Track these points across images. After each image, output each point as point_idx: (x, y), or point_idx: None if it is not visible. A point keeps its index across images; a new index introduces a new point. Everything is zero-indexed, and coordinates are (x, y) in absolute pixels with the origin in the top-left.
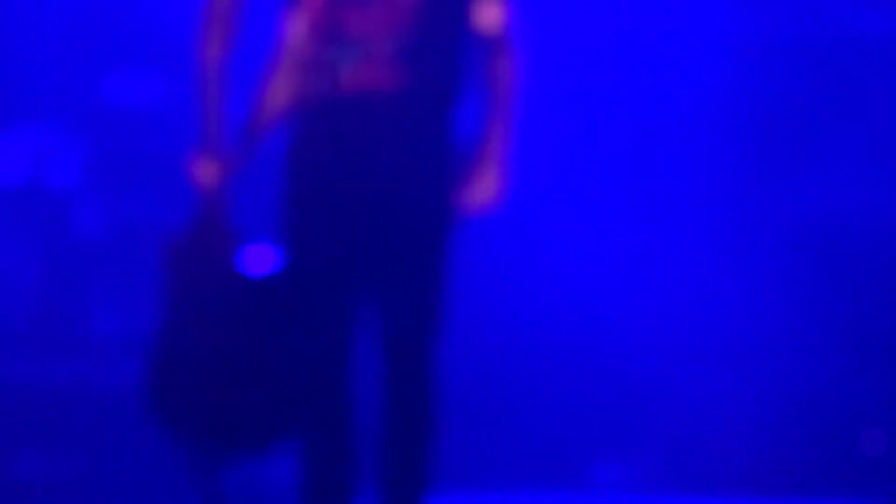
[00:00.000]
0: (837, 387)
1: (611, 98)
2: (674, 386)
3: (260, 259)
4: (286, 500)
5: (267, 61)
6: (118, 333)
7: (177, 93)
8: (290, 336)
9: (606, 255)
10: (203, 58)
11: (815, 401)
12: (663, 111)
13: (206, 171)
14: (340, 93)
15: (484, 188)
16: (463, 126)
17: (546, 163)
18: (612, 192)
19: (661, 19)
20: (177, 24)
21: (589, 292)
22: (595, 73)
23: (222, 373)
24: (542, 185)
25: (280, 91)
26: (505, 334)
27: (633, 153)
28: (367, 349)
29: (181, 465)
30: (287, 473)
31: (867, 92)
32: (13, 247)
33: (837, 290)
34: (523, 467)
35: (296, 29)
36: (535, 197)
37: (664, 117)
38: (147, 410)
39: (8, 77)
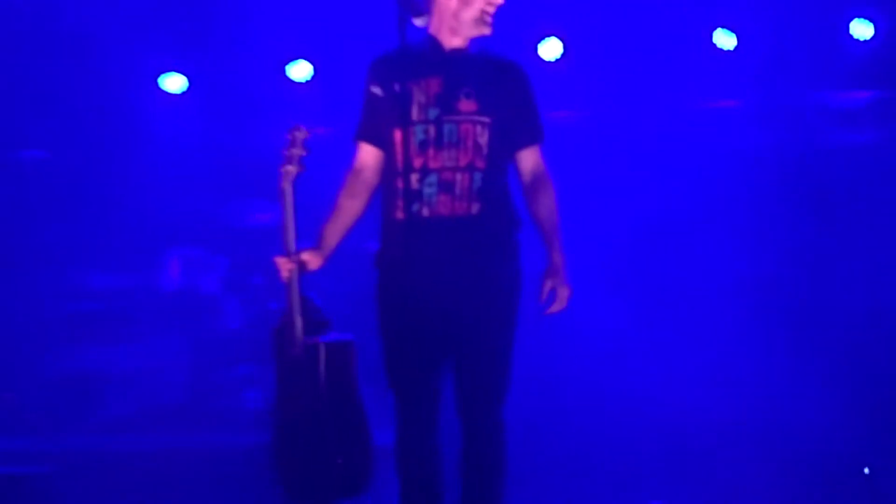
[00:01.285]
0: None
1: (631, 209)
2: (707, 450)
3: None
4: None
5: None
6: (257, 402)
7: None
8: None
9: (639, 339)
10: (339, 203)
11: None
12: (672, 212)
13: (285, 267)
14: (425, 217)
15: (559, 297)
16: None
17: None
18: (637, 282)
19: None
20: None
21: (643, 360)
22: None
23: (319, 435)
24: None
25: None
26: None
27: (650, 251)
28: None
29: None
30: None
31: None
32: (174, 335)
33: None
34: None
35: (391, 164)
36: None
37: (672, 217)
38: (273, 468)
39: (161, 212)
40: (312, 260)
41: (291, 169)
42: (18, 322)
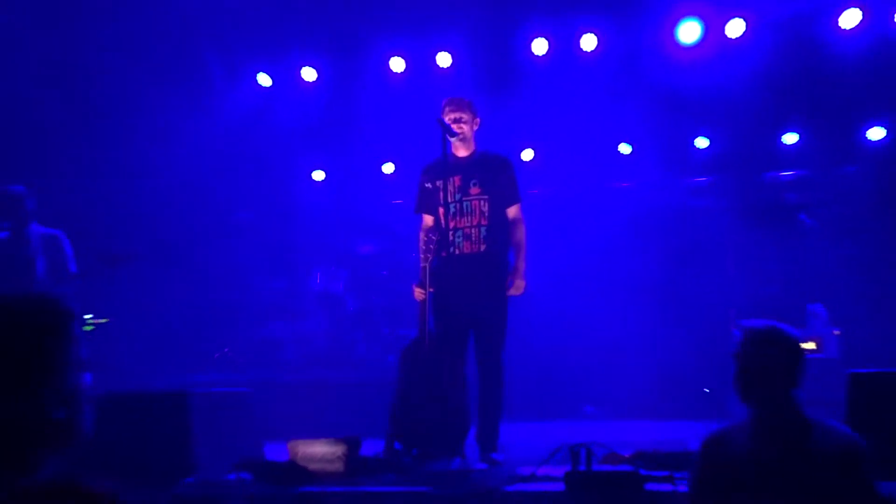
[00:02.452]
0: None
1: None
2: (615, 361)
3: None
4: None
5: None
6: (367, 355)
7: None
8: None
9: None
10: (421, 254)
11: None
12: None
13: (417, 293)
14: (457, 254)
15: (517, 287)
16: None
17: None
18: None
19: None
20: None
21: (581, 325)
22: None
23: (426, 405)
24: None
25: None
26: (541, 345)
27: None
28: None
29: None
30: None
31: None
32: (319, 316)
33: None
34: (544, 408)
35: (432, 232)
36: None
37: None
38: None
39: (310, 245)
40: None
41: (429, 255)
42: (235, 307)
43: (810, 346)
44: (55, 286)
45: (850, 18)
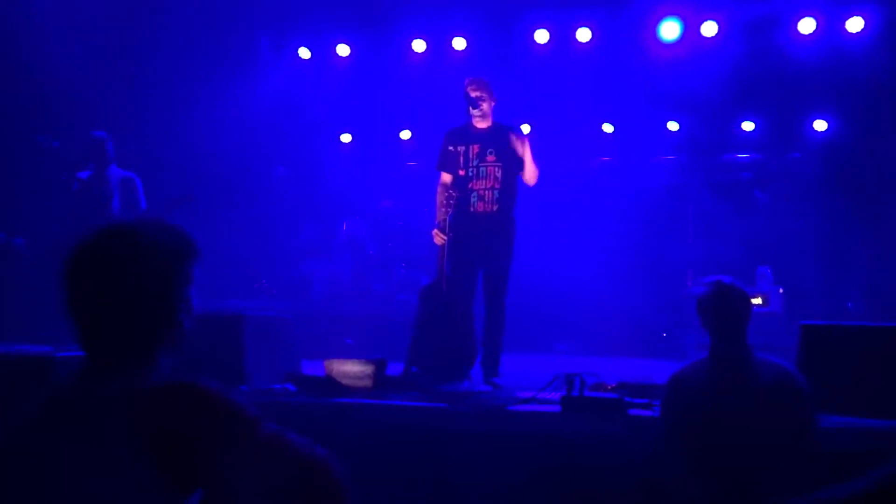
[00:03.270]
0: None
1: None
2: (588, 308)
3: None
4: None
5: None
6: (384, 291)
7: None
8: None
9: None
10: (437, 209)
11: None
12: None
13: (438, 238)
14: (472, 212)
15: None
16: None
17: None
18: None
19: None
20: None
21: (561, 277)
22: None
23: (442, 337)
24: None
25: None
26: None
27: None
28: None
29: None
30: None
31: None
32: (344, 259)
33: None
34: (528, 343)
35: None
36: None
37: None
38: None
39: (341, 196)
40: (443, 237)
41: (448, 209)
42: (275, 248)
43: (758, 301)
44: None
45: (806, 26)
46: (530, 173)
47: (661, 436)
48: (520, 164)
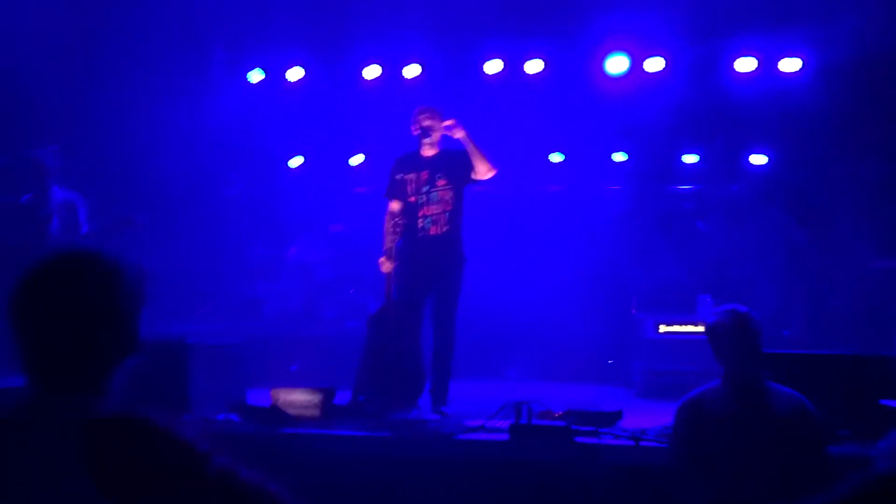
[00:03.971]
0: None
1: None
2: (536, 334)
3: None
4: None
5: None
6: (333, 316)
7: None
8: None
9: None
10: (385, 237)
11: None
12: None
13: (384, 266)
14: (424, 235)
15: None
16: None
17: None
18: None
19: None
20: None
21: (510, 304)
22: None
23: (390, 365)
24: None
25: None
26: (477, 318)
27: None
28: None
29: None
30: None
31: None
32: (295, 280)
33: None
34: (476, 369)
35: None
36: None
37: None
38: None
39: (289, 221)
40: (390, 265)
41: (395, 236)
42: (226, 271)
43: (699, 328)
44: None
45: (745, 64)
46: (482, 166)
47: (675, 464)
48: (466, 183)
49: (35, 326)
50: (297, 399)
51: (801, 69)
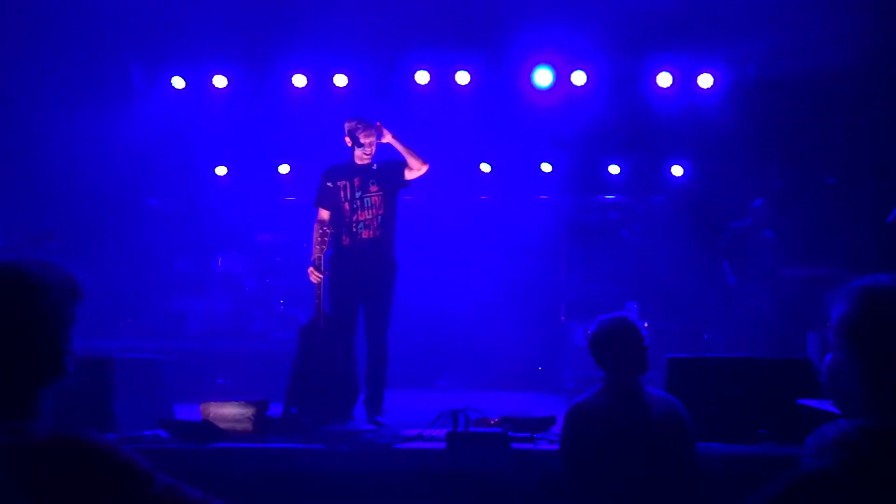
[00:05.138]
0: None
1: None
2: (466, 344)
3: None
4: None
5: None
6: (262, 329)
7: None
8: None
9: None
10: (316, 239)
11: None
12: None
13: (314, 276)
14: (356, 240)
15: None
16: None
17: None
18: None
19: None
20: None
21: (439, 314)
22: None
23: (322, 376)
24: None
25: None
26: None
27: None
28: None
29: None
30: None
31: None
32: (221, 293)
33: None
34: (408, 378)
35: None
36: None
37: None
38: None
39: (215, 233)
40: (319, 275)
41: (324, 246)
42: (149, 285)
43: None
44: None
45: (664, 79)
46: (415, 161)
47: (561, 468)
48: (398, 188)
49: None
50: (229, 412)
51: (712, 85)
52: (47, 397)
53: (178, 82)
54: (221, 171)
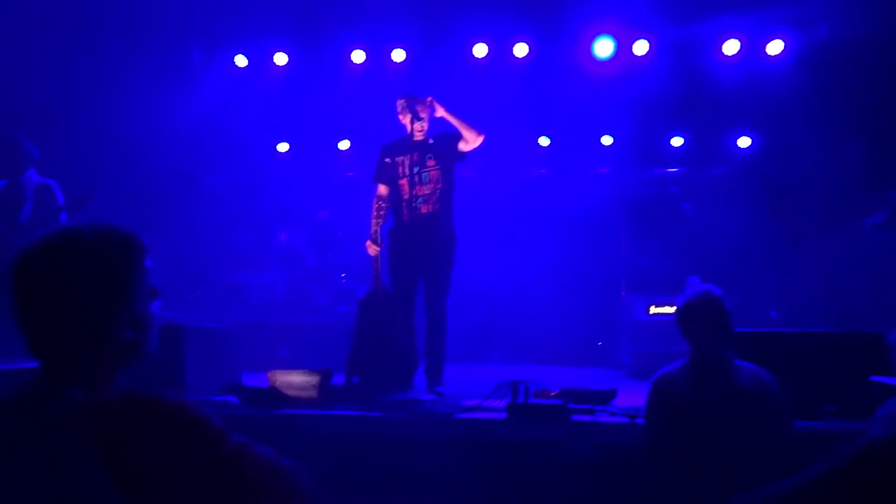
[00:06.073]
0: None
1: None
2: (523, 319)
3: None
4: None
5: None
6: (324, 302)
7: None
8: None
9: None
10: (371, 220)
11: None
12: None
13: (371, 249)
14: (416, 214)
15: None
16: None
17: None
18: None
19: None
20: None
21: (497, 288)
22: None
23: (382, 347)
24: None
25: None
26: (466, 303)
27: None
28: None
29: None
30: None
31: None
32: (282, 267)
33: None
34: (466, 353)
35: (398, 193)
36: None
37: None
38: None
39: (275, 209)
40: (376, 248)
41: (380, 220)
42: (213, 260)
43: None
44: (37, 230)
45: (730, 47)
46: (469, 133)
47: (645, 442)
48: (455, 161)
49: (28, 311)
50: (295, 380)
51: (782, 51)
52: (125, 362)
53: (240, 60)
54: (283, 147)
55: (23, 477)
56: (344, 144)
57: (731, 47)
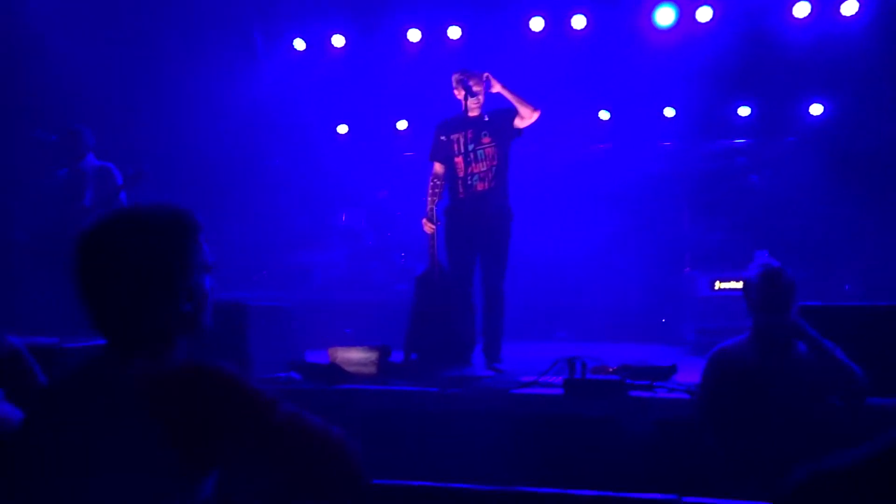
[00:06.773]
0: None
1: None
2: (586, 295)
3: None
4: None
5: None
6: (384, 281)
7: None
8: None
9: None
10: (428, 197)
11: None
12: None
13: (427, 227)
14: (472, 192)
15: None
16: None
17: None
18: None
19: None
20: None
21: (558, 265)
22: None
23: (438, 324)
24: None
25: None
26: (524, 280)
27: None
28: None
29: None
30: None
31: None
32: (341, 247)
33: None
34: (525, 330)
35: (454, 171)
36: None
37: None
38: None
39: (337, 191)
40: (432, 225)
41: (435, 198)
42: (276, 240)
43: None
44: (100, 210)
45: (801, 9)
46: (525, 109)
47: (699, 413)
48: (511, 138)
49: (91, 286)
50: (354, 357)
51: (857, 13)
52: (185, 335)
53: (299, 44)
54: (343, 129)
55: (91, 439)
56: (402, 125)
57: (801, 9)
